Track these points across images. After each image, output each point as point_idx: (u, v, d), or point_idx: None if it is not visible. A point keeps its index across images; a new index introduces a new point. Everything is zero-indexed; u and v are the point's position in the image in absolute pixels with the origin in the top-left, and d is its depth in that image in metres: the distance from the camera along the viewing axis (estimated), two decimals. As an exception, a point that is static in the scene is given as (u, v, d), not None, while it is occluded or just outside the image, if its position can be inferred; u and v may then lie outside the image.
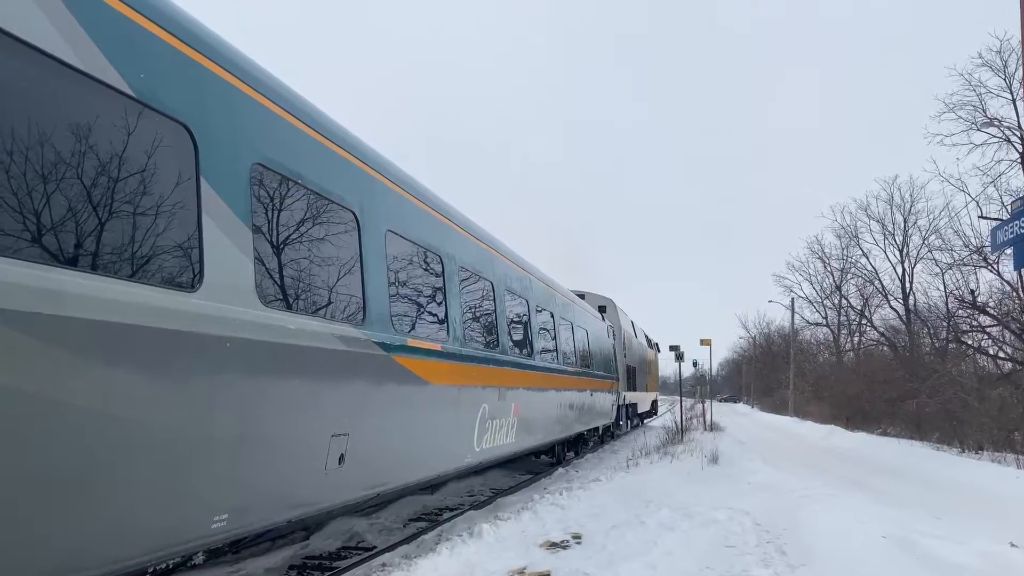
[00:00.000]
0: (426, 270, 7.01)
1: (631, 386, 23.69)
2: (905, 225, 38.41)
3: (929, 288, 39.96)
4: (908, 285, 37.74)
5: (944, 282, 30.42)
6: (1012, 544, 6.99)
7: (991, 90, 24.84)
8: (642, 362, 27.41)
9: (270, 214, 4.51)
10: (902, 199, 38.70)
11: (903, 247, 38.66)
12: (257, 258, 4.24)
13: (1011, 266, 21.59)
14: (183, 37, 3.81)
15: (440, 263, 7.26)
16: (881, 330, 40.13)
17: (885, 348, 38.07)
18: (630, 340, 24.27)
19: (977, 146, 25.31)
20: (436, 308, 7.17)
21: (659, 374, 41.52)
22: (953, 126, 33.78)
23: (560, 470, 13.88)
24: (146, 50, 3.54)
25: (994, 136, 24.65)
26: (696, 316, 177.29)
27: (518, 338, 10.10)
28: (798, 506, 9.08)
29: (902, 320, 37.61)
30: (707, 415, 28.19)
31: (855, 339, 45.65)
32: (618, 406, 20.24)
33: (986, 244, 22.74)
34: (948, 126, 43.88)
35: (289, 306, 4.60)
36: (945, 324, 29.16)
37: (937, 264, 31.83)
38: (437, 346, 6.87)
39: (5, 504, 2.74)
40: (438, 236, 7.28)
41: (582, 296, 18.40)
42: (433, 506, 9.46)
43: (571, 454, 15.92)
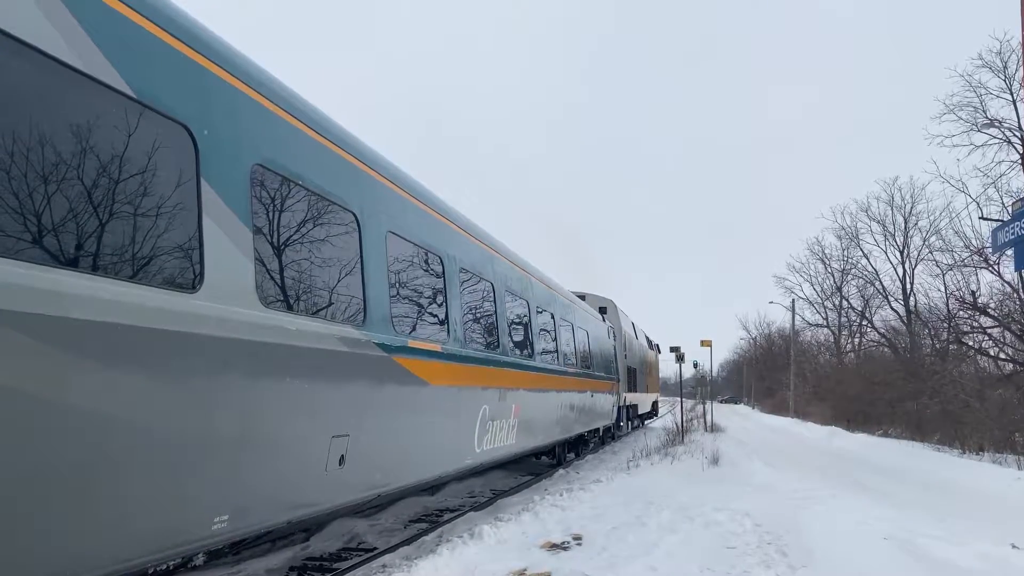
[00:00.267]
0: (427, 271, 7.01)
1: (632, 387, 23.70)
2: (906, 226, 38.55)
3: (930, 289, 40.18)
4: (909, 286, 37.86)
5: (945, 283, 30.41)
6: (1013, 546, 6.98)
7: (991, 91, 24.91)
8: (643, 363, 27.40)
9: (271, 215, 4.51)
10: (903, 200, 38.88)
11: (904, 248, 38.81)
12: (258, 259, 4.24)
13: (1012, 267, 21.58)
14: (183, 38, 3.81)
15: (440, 264, 7.26)
16: (882, 331, 40.23)
17: (886, 349, 38.11)
18: (631, 341, 24.27)
19: (977, 147, 25.39)
20: (437, 309, 7.17)
21: (660, 375, 41.49)
22: (953, 127, 34.05)
23: (561, 471, 13.86)
24: (146, 51, 3.54)
25: (994, 137, 24.69)
26: (697, 317, 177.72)
27: (519, 339, 10.09)
28: (799, 507, 9.09)
29: (903, 321, 37.65)
30: (708, 416, 28.19)
31: (856, 340, 45.74)
32: (619, 407, 20.23)
33: (987, 245, 22.75)
34: (948, 127, 44.13)
35: (290, 307, 4.59)
36: (946, 325, 29.10)
37: (938, 265, 31.89)
38: (438, 347, 6.86)
39: (6, 504, 2.74)
40: (439, 237, 7.27)
41: (583, 297, 18.43)
42: (434, 507, 9.46)
43: (572, 455, 15.89)
